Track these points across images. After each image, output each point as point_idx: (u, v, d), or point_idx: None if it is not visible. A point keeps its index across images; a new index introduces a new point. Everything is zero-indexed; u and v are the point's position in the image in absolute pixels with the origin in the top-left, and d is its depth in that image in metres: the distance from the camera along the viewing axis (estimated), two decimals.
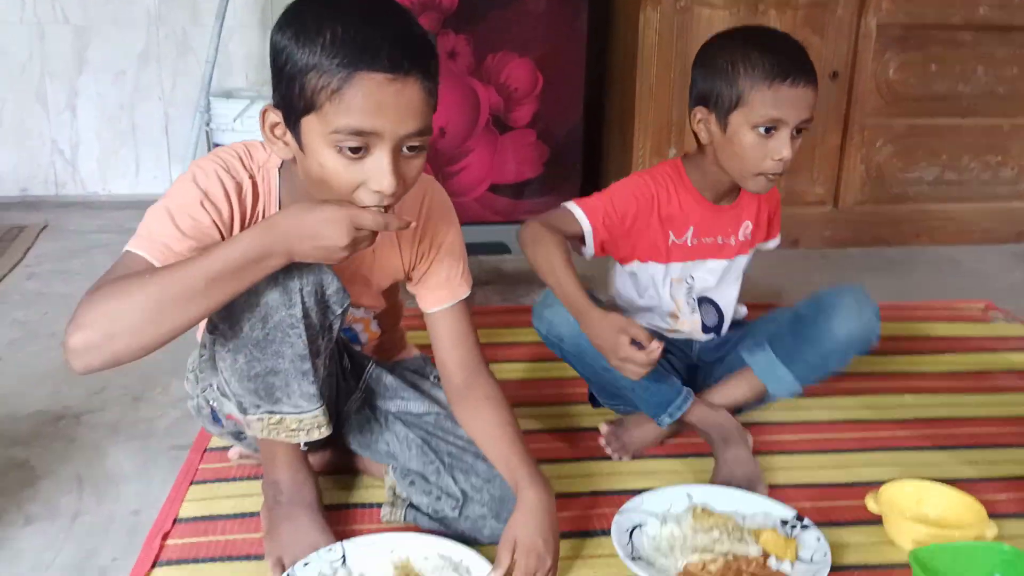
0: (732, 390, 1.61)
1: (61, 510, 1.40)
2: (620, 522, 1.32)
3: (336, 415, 1.36)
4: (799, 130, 1.44)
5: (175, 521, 1.36)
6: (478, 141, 2.70)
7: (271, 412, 1.17)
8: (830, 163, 2.84)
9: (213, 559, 1.28)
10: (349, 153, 1.02)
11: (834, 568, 1.25)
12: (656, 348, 1.32)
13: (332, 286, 1.15)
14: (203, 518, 1.36)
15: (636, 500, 1.37)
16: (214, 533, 1.33)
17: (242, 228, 1.13)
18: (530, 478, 1.21)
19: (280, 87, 1.05)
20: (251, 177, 1.16)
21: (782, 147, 1.42)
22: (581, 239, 1.51)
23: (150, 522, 1.36)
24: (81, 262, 2.67)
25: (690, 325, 1.66)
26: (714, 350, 1.69)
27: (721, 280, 1.64)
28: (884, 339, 1.60)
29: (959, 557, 1.21)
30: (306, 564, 1.19)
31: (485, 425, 1.28)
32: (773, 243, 1.73)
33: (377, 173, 1.03)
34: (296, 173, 1.13)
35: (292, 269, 1.09)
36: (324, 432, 1.21)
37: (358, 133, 1.01)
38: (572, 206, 1.51)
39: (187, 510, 1.38)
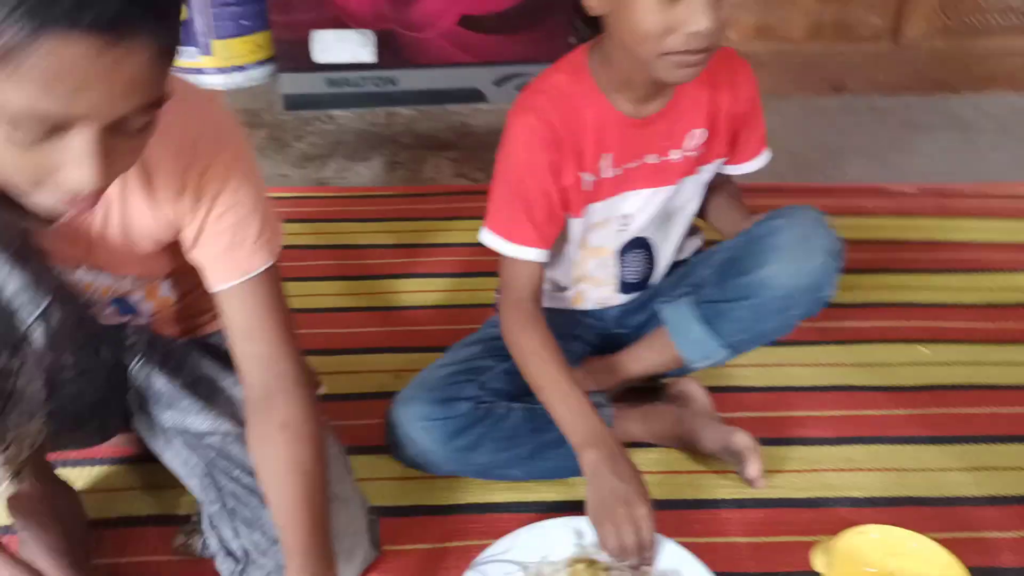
0: (644, 354, 1.24)
1: None
2: None
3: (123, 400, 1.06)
4: None
5: None
6: None
7: None
8: None
9: None
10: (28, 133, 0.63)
11: None
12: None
13: (11, 283, 0.76)
14: None
15: (505, 542, 1.05)
16: None
17: None
18: (302, 566, 0.88)
19: None
20: None
21: (695, 14, 0.93)
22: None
23: None
24: None
25: (600, 291, 1.26)
26: (639, 310, 1.28)
27: (662, 214, 1.20)
28: (911, 245, 1.26)
29: None
30: None
31: (274, 465, 0.92)
32: (755, 164, 1.24)
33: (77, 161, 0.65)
34: None
35: None
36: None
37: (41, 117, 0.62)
38: (505, 248, 1.12)
39: None
